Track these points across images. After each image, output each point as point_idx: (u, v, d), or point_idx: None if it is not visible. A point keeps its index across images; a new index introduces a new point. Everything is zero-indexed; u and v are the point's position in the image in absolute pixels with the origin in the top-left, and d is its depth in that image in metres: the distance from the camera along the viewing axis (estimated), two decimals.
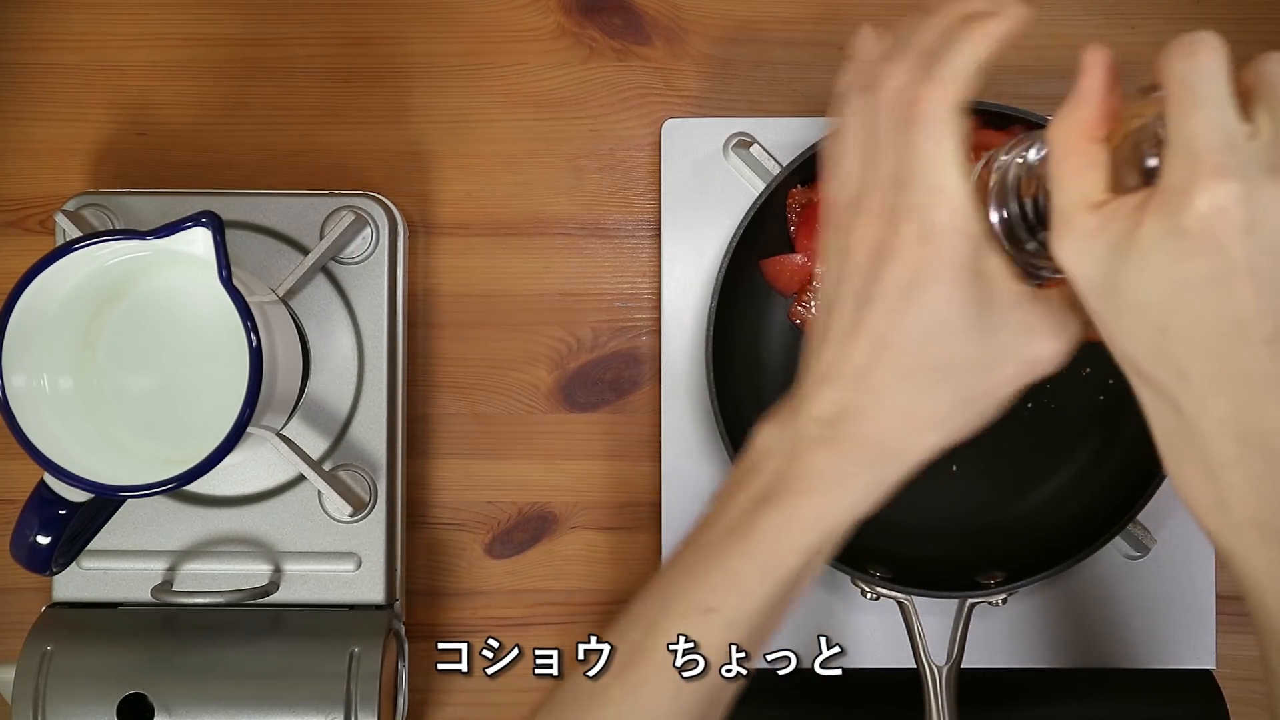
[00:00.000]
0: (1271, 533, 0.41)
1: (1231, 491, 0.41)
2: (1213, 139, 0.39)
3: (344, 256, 0.72)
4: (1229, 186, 0.38)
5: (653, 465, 0.75)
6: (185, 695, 0.66)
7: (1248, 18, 0.76)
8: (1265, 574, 0.42)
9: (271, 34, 0.77)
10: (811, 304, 0.73)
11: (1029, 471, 0.74)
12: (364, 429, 0.72)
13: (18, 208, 0.76)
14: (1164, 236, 0.39)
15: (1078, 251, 0.42)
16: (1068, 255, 0.43)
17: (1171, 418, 0.42)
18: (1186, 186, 0.39)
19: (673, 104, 0.77)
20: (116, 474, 0.60)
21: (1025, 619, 0.73)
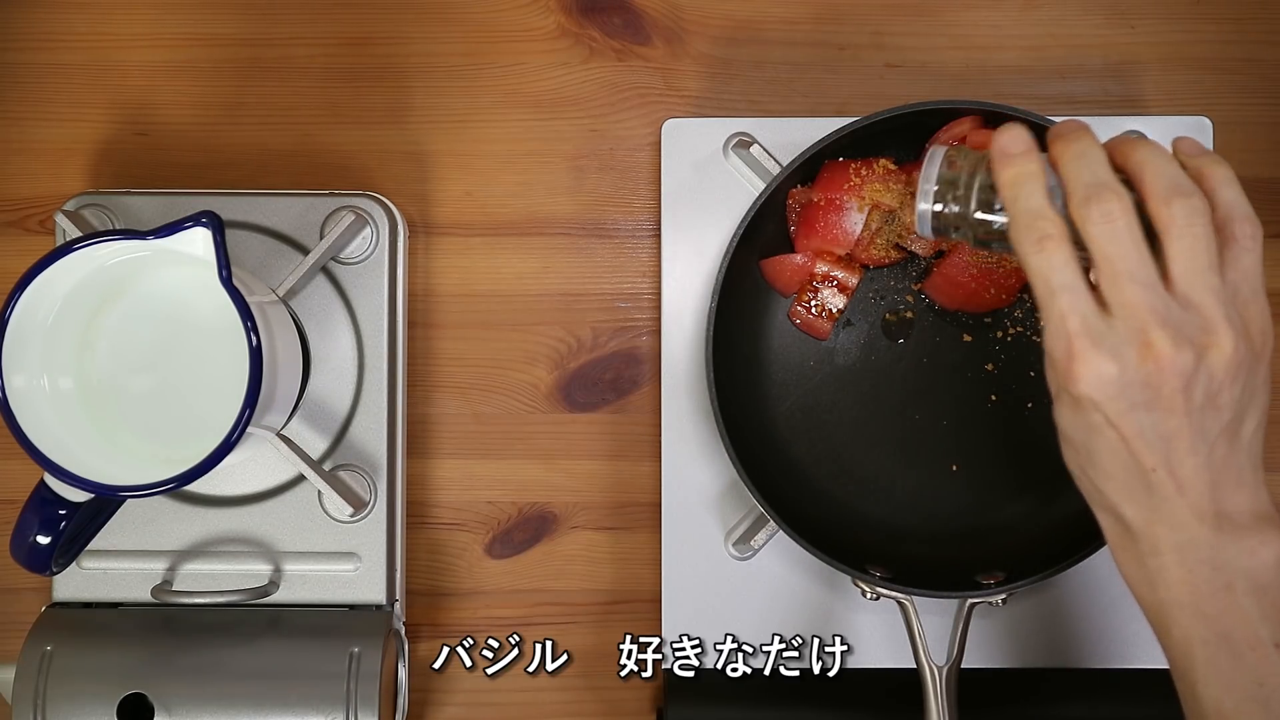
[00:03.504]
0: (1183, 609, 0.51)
1: (1157, 574, 0.51)
2: (1075, 322, 0.50)
3: (344, 256, 0.72)
4: (1101, 368, 0.49)
5: (653, 465, 0.75)
6: (185, 695, 0.66)
7: (1247, 18, 0.76)
8: (1179, 646, 0.51)
9: (271, 34, 0.77)
10: (812, 304, 0.73)
11: (1029, 471, 0.74)
12: (364, 429, 0.72)
13: (18, 208, 0.76)
14: (1066, 395, 0.51)
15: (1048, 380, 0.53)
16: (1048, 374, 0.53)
17: (1113, 523, 0.53)
18: (1068, 365, 0.50)
19: (673, 104, 0.77)
20: (116, 474, 0.60)
21: (1025, 619, 0.73)
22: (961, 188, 0.56)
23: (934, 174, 0.57)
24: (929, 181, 0.57)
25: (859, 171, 0.71)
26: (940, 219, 0.57)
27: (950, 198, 0.56)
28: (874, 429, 0.74)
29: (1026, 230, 0.51)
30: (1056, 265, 0.50)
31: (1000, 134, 0.53)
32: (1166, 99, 0.76)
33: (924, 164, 0.57)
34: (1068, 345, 0.50)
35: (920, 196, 0.57)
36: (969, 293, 0.72)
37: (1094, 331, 0.49)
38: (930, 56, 0.76)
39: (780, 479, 0.72)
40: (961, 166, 0.57)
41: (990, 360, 0.74)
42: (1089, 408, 0.50)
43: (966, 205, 0.56)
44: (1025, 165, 0.52)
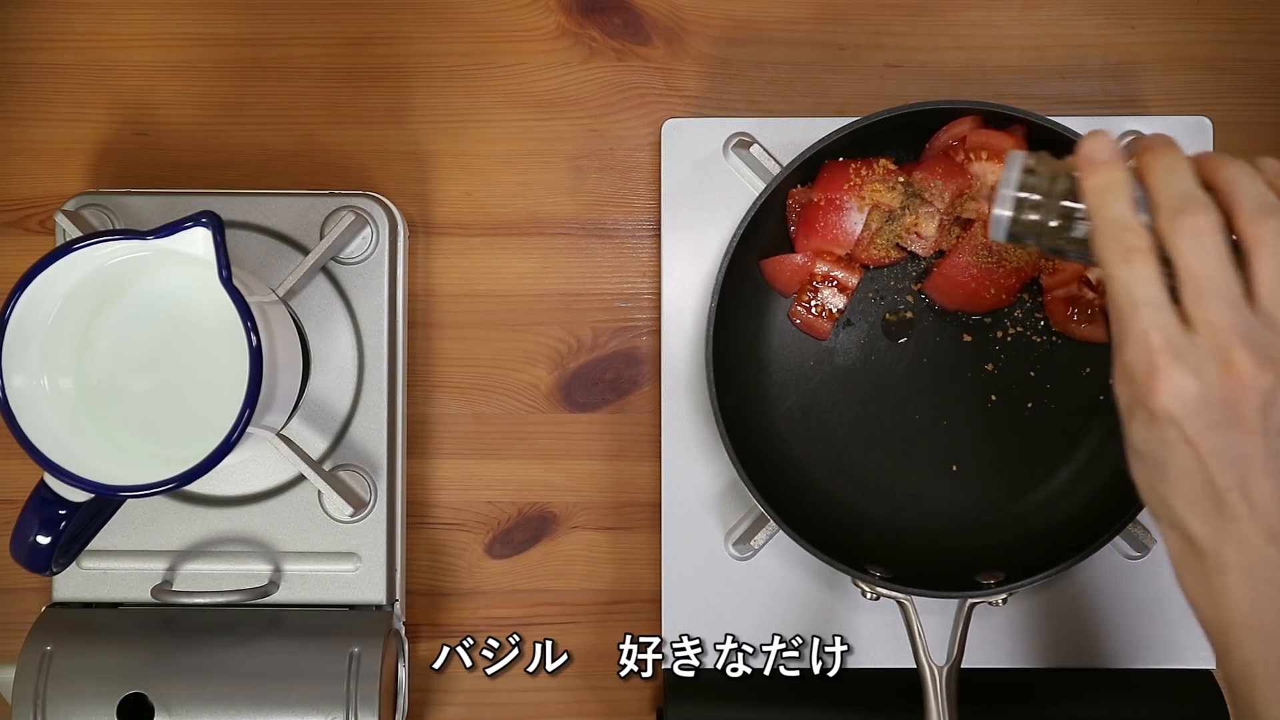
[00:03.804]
0: (1248, 630, 0.50)
1: (1221, 593, 0.50)
2: (1157, 338, 0.49)
3: (344, 256, 0.72)
4: (1181, 384, 0.49)
5: (653, 465, 0.75)
6: (185, 695, 0.66)
7: (1247, 18, 0.76)
8: (1240, 667, 0.51)
9: (271, 34, 0.77)
10: (812, 304, 0.73)
11: (1029, 471, 0.74)
12: (364, 429, 0.72)
13: (18, 208, 0.76)
14: (1141, 410, 0.50)
15: (1116, 391, 0.52)
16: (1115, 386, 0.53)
17: (1178, 540, 0.52)
18: (1147, 380, 0.49)
19: (673, 104, 0.77)
20: (116, 474, 0.60)
21: (1025, 619, 0.73)
22: (1041, 194, 0.55)
23: (1014, 179, 0.56)
24: (1008, 187, 0.55)
25: (859, 171, 0.71)
26: (1017, 225, 0.56)
27: (1028, 204, 0.56)
28: (874, 429, 0.74)
29: (1112, 241, 0.51)
30: (1142, 278, 0.50)
31: (1087, 141, 0.53)
32: (1166, 99, 0.76)
33: (1004, 169, 0.56)
34: (1149, 360, 0.49)
35: (999, 202, 0.56)
36: (969, 293, 0.72)
37: (1176, 347, 0.49)
38: (930, 56, 0.76)
39: (780, 479, 0.72)
40: (1041, 173, 0.56)
41: (990, 360, 0.74)
42: (1166, 423, 0.50)
43: (1045, 213, 0.55)
44: (1113, 174, 0.52)
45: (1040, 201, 0.55)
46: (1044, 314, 0.73)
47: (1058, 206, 0.55)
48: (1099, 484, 0.72)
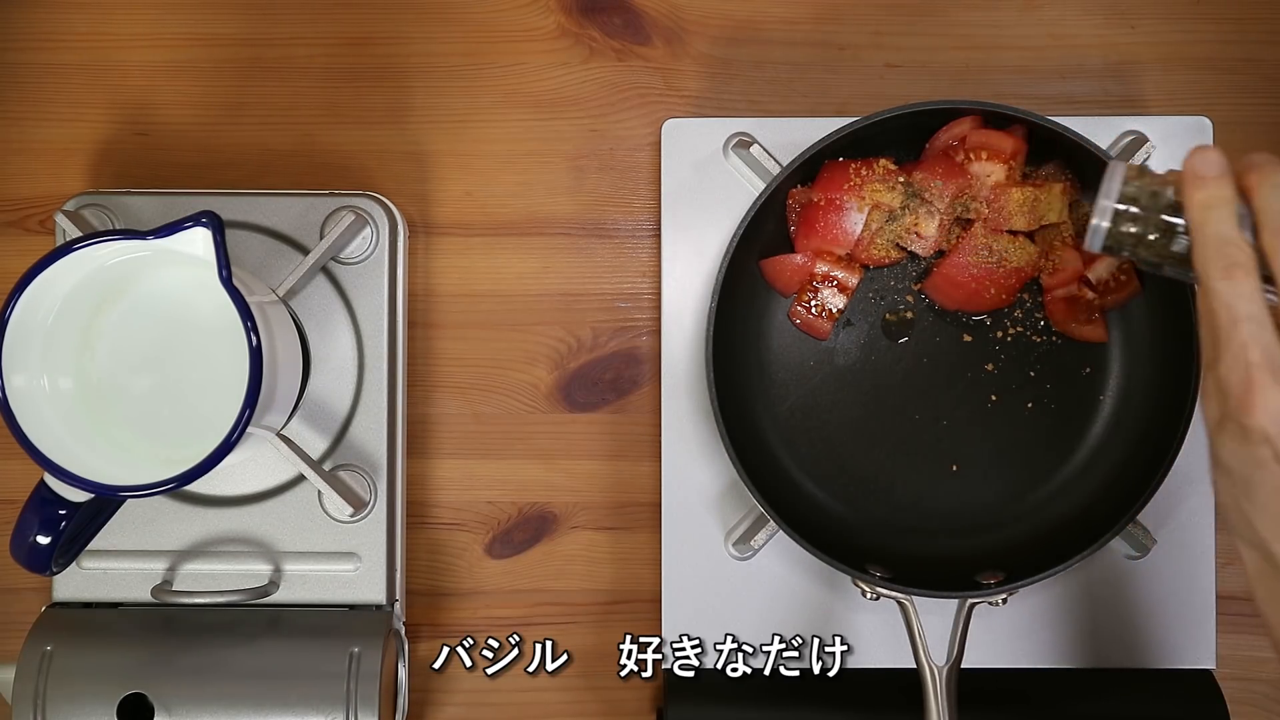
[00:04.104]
0: None
1: None
2: (1256, 354, 0.49)
3: (344, 256, 0.72)
4: (1276, 398, 0.49)
5: (653, 465, 0.75)
6: (185, 695, 0.66)
7: (1248, 18, 0.76)
8: None
9: (271, 34, 0.77)
10: (812, 304, 0.73)
11: (1029, 471, 0.74)
12: (364, 429, 0.72)
13: (18, 208, 0.76)
14: (1233, 425, 0.50)
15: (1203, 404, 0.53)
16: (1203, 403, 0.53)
17: (1259, 559, 0.52)
18: (1244, 396, 0.49)
19: (673, 104, 0.77)
20: (116, 474, 0.60)
21: (1025, 619, 0.73)
22: (1141, 207, 0.55)
23: (1115, 190, 0.55)
24: (1109, 198, 0.55)
25: (859, 171, 0.71)
26: (1114, 237, 0.56)
27: (1127, 216, 0.55)
28: (874, 429, 0.74)
29: (1215, 256, 0.51)
30: (1244, 294, 0.50)
31: (1194, 156, 0.53)
32: (1166, 99, 0.76)
33: (1104, 179, 0.56)
34: (1246, 375, 0.49)
35: (1098, 213, 0.55)
36: (969, 293, 0.72)
37: (1276, 365, 0.49)
38: (930, 56, 0.76)
39: (780, 479, 0.72)
40: (1143, 185, 0.55)
41: (990, 360, 0.74)
42: (1259, 440, 0.49)
43: (1145, 226, 0.55)
44: (1220, 190, 0.52)
45: (1140, 214, 0.55)
46: (1044, 314, 0.73)
47: (1158, 220, 0.55)
48: (1099, 484, 0.72)
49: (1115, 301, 0.72)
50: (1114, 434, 0.73)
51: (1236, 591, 0.74)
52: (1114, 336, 0.73)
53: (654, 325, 0.76)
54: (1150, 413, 0.71)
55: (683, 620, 0.73)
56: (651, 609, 0.75)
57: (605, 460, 0.76)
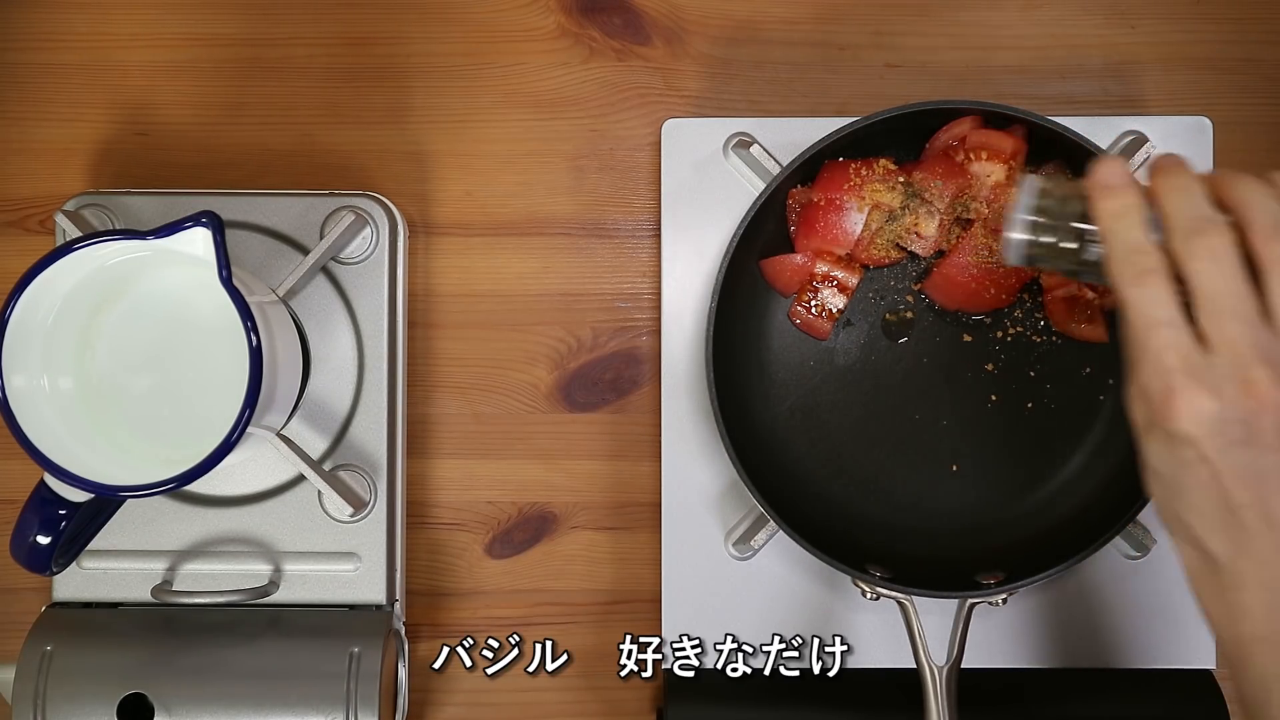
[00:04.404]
0: (1264, 644, 0.50)
1: (1239, 609, 0.51)
2: (1172, 358, 0.49)
3: (344, 256, 0.72)
4: (1199, 404, 0.49)
5: (653, 465, 0.75)
6: (185, 695, 0.66)
7: (1247, 18, 0.76)
8: (1256, 681, 0.51)
9: (271, 34, 0.77)
10: (812, 304, 0.73)
11: (1029, 471, 0.74)
12: (364, 429, 0.72)
13: (18, 208, 0.76)
14: (1159, 430, 0.50)
15: (1131, 411, 0.52)
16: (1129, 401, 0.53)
17: (1196, 557, 0.52)
18: (1164, 401, 0.50)
19: (673, 104, 0.77)
20: (116, 474, 0.60)
21: (1025, 619, 0.73)
22: (1055, 218, 0.55)
23: (1027, 202, 0.56)
24: (1022, 210, 0.56)
25: (859, 171, 0.71)
26: (1031, 248, 0.56)
27: (1042, 227, 0.56)
28: (874, 429, 0.74)
29: (1126, 264, 0.51)
30: (1157, 300, 0.50)
31: (1100, 167, 0.53)
32: (1166, 99, 0.76)
33: (1017, 192, 0.56)
34: (1165, 381, 0.49)
35: (1012, 226, 0.56)
36: (969, 293, 0.72)
37: (1193, 368, 0.49)
38: (930, 56, 0.76)
39: (780, 479, 0.72)
40: (1055, 195, 0.56)
41: (990, 360, 0.74)
42: (1183, 443, 0.50)
43: (1059, 235, 0.55)
44: (1126, 198, 0.52)
45: (1054, 225, 0.55)
46: (1044, 314, 0.73)
47: (1071, 229, 0.55)
48: (1099, 484, 0.72)
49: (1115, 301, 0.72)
50: (1114, 434, 0.73)
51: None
52: (1114, 336, 0.73)
53: (654, 325, 0.76)
54: None
55: (683, 620, 0.73)
56: (651, 609, 0.75)
57: (605, 460, 0.76)
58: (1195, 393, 0.49)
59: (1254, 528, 0.50)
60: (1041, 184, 0.56)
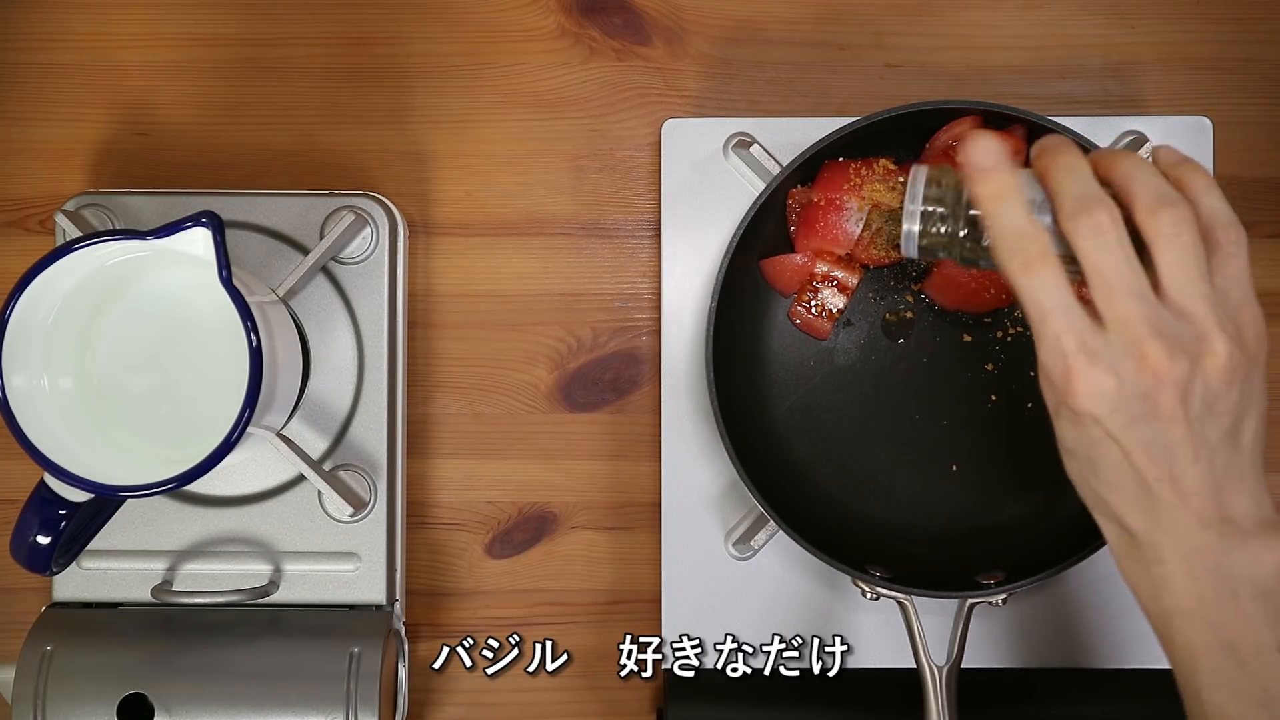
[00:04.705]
0: (1188, 617, 0.51)
1: (1162, 582, 0.51)
2: (1069, 341, 0.50)
3: (344, 256, 0.72)
4: (1099, 383, 0.49)
5: (653, 465, 0.75)
6: (185, 695, 0.66)
7: (1247, 18, 0.76)
8: (1183, 653, 0.52)
9: (271, 34, 0.77)
10: (812, 304, 0.73)
11: (1029, 471, 0.74)
12: (364, 429, 0.72)
13: (18, 208, 0.76)
14: (1065, 410, 0.51)
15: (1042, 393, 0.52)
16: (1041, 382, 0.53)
17: (1117, 532, 0.53)
18: (1066, 383, 0.50)
19: (673, 104, 0.77)
20: (116, 474, 0.60)
21: (1025, 619, 0.73)
22: (948, 207, 0.56)
23: (919, 194, 0.56)
24: (914, 202, 0.56)
25: (859, 171, 0.71)
26: (926, 239, 0.56)
27: (936, 218, 0.56)
28: (874, 429, 0.74)
29: (1010, 250, 0.51)
30: (1046, 284, 0.50)
31: (969, 147, 0.52)
32: (1166, 99, 0.76)
33: (908, 184, 0.56)
34: (1064, 363, 0.50)
35: (906, 218, 0.56)
36: (969, 293, 0.72)
37: (1089, 348, 0.49)
38: (930, 56, 0.76)
39: (780, 479, 0.72)
40: (946, 185, 0.56)
41: (990, 360, 0.74)
42: (1089, 422, 0.50)
43: (953, 224, 0.55)
44: (1001, 180, 0.51)
45: (946, 214, 0.55)
46: None
47: (965, 216, 0.55)
48: None
49: None
50: None
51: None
52: None
53: (654, 325, 0.76)
54: None
55: (683, 620, 0.73)
56: (651, 609, 0.75)
57: (605, 460, 0.76)
58: (1093, 372, 0.49)
59: (1167, 501, 0.50)
60: (930, 173, 0.56)
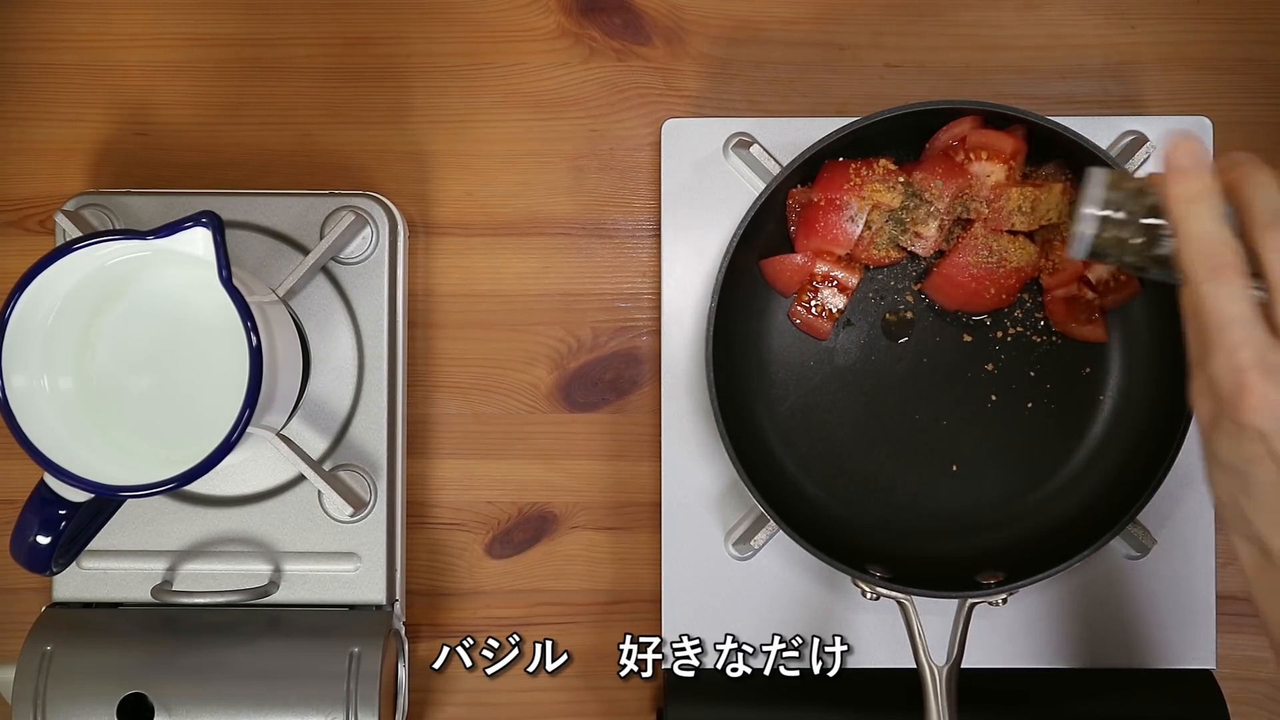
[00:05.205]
0: None
1: None
2: (1247, 354, 0.49)
3: (344, 256, 0.72)
4: (1273, 399, 0.48)
5: (653, 465, 0.75)
6: (185, 695, 0.66)
7: (1247, 18, 0.76)
8: None
9: (271, 34, 0.77)
10: (812, 304, 0.73)
11: (1029, 471, 0.74)
12: (364, 429, 0.72)
13: (18, 208, 0.76)
14: (1227, 423, 0.50)
15: (1194, 403, 0.52)
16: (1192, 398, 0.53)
17: (1256, 554, 0.52)
18: (1237, 396, 0.49)
19: (673, 104, 0.77)
20: (116, 474, 0.60)
21: (1025, 619, 0.73)
22: (1123, 211, 0.55)
23: (1096, 196, 0.55)
24: (1091, 204, 0.55)
25: (859, 171, 0.71)
26: (1099, 243, 0.56)
27: (1111, 221, 0.55)
28: (874, 429, 0.74)
29: (1200, 255, 0.50)
30: (1232, 295, 0.50)
31: (1174, 149, 0.52)
32: (1166, 99, 0.76)
33: (1085, 185, 0.55)
34: (1238, 376, 0.49)
35: (1081, 220, 0.55)
36: (969, 293, 0.72)
37: (1267, 363, 0.49)
38: (930, 56, 0.76)
39: (780, 479, 0.72)
40: (1125, 188, 0.55)
41: (990, 360, 0.74)
42: (1254, 438, 0.49)
43: (1128, 230, 0.55)
44: (1199, 183, 0.51)
45: (1122, 219, 0.55)
46: (1044, 314, 0.73)
47: (1140, 224, 0.55)
48: (1099, 484, 0.72)
49: (1115, 301, 0.72)
50: (1114, 434, 0.73)
51: (1236, 591, 0.74)
52: (1114, 336, 0.73)
53: (654, 325, 0.76)
54: (1150, 413, 0.71)
55: (683, 620, 0.73)
56: (651, 609, 0.75)
57: (605, 460, 0.76)
58: (1269, 388, 0.49)
59: None
60: (1110, 176, 0.55)
